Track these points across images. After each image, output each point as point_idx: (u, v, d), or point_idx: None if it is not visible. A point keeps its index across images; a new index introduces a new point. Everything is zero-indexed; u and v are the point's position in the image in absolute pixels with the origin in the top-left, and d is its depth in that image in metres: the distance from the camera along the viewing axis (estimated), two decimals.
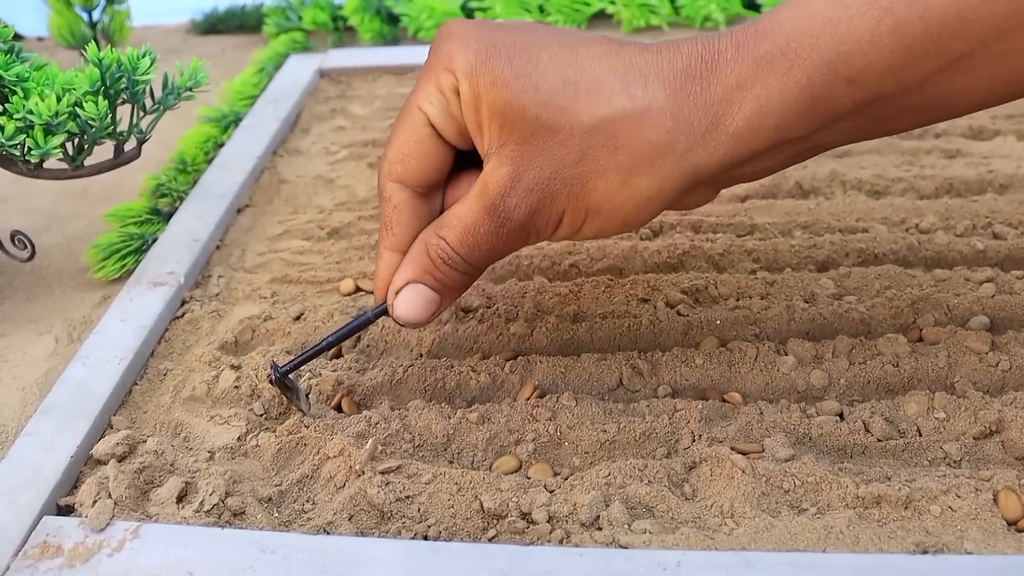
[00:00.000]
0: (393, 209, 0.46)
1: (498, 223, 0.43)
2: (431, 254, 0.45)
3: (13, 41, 0.60)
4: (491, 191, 0.43)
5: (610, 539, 0.43)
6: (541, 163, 0.42)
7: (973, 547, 0.41)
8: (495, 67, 0.42)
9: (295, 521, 0.45)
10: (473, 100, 0.42)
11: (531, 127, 0.42)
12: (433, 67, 0.44)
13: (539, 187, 0.42)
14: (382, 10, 1.08)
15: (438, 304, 0.46)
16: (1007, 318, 0.56)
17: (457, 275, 0.46)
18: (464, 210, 0.44)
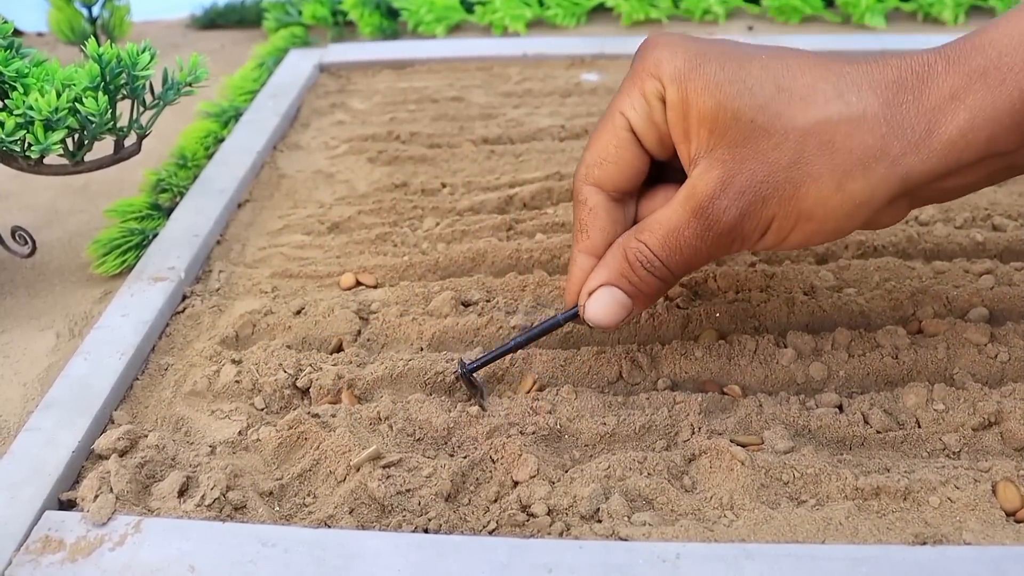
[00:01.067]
0: (589, 212, 0.47)
1: (705, 226, 0.43)
2: (629, 257, 0.45)
3: (13, 37, 0.60)
4: (700, 194, 0.43)
5: (610, 531, 0.43)
6: (753, 166, 0.42)
7: (972, 538, 0.42)
8: (707, 72, 0.42)
9: (296, 515, 0.46)
10: (681, 105, 0.43)
11: (744, 131, 0.42)
12: (638, 73, 0.44)
13: (751, 190, 0.42)
14: (382, 5, 1.08)
15: (630, 309, 0.47)
16: (1006, 310, 0.56)
17: (654, 280, 0.46)
18: (668, 214, 0.44)
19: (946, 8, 1.03)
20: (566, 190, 0.71)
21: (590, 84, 0.90)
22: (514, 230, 0.67)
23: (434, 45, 1.02)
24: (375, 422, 0.50)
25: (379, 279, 0.63)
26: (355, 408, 0.51)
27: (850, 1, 1.04)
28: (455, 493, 0.46)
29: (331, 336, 0.57)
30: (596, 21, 1.09)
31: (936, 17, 1.04)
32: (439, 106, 0.87)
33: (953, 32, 1.01)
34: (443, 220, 0.68)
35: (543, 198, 0.71)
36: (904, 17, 1.06)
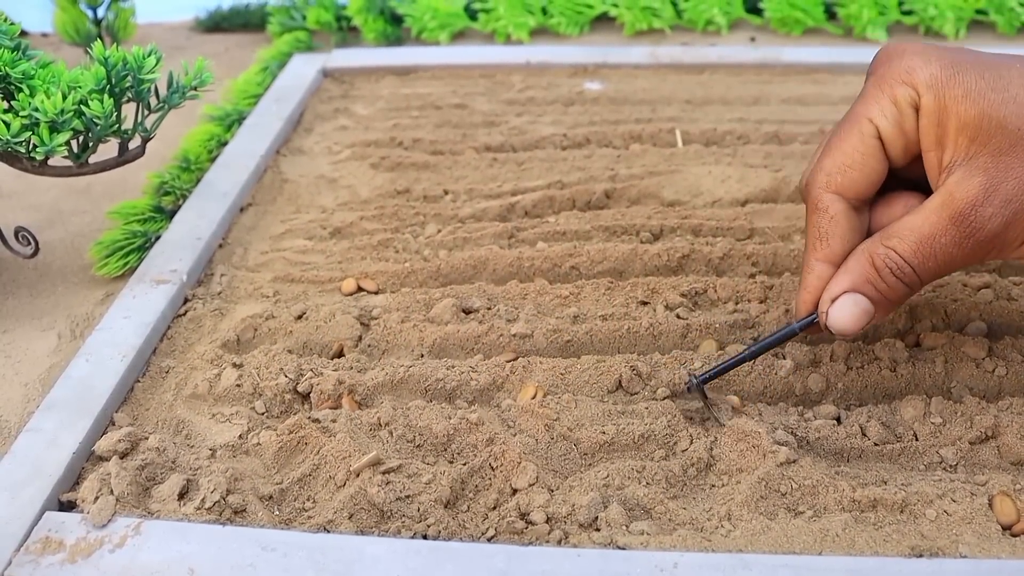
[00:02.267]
0: (830, 220, 0.46)
1: (965, 234, 0.43)
2: (877, 263, 0.45)
3: (19, 38, 0.60)
4: (959, 201, 0.43)
5: (608, 540, 0.43)
6: (1020, 174, 0.42)
7: (968, 551, 0.42)
8: (966, 80, 0.42)
9: (296, 519, 0.46)
10: (937, 112, 0.43)
11: (1011, 139, 0.42)
12: (887, 80, 0.44)
13: (1017, 199, 0.42)
14: (386, 10, 1.08)
15: (872, 316, 0.46)
16: (1004, 324, 0.56)
17: (901, 287, 0.45)
18: (920, 221, 0.44)
19: (947, 22, 1.04)
20: (568, 199, 0.71)
21: (593, 93, 0.91)
22: (516, 238, 0.67)
23: (437, 52, 1.03)
24: (375, 428, 0.50)
25: (380, 285, 0.63)
26: (355, 413, 0.51)
27: (852, 14, 1.05)
28: (454, 500, 0.46)
29: (332, 341, 0.57)
30: (599, 30, 1.10)
31: (937, 31, 1.05)
32: (442, 113, 0.88)
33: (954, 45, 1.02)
34: (445, 227, 0.69)
35: (545, 206, 0.71)
36: (905, 30, 1.06)
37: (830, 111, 0.86)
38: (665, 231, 0.67)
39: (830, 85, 0.92)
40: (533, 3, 1.09)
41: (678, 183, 0.72)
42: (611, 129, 0.82)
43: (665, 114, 0.85)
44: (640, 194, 0.72)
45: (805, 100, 0.88)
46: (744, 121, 0.83)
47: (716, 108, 0.87)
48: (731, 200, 0.71)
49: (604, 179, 0.74)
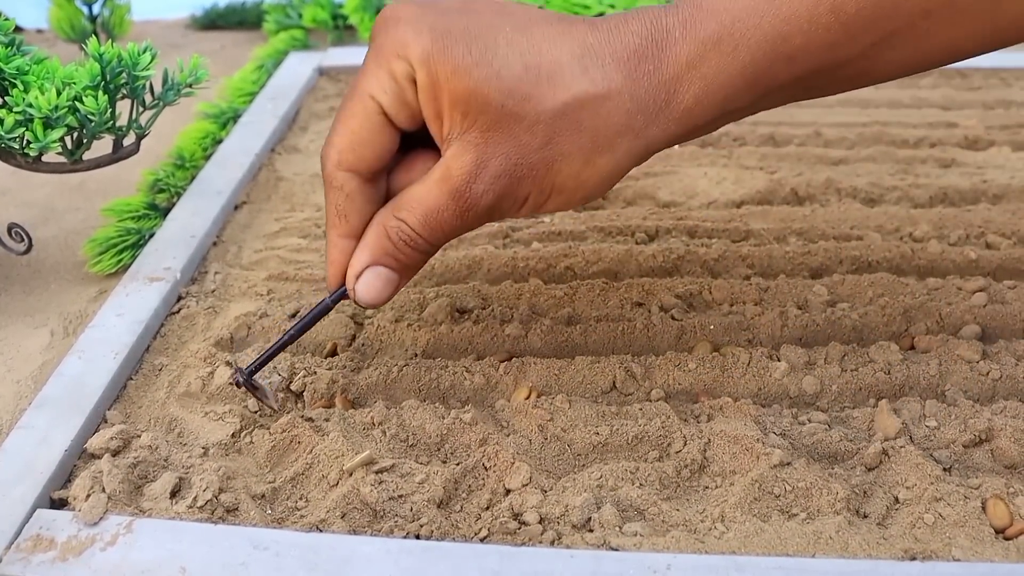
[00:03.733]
0: (346, 198, 0.46)
1: (464, 208, 0.44)
2: (391, 236, 0.46)
3: (14, 34, 0.60)
4: (455, 177, 0.44)
5: (601, 541, 0.43)
6: (507, 150, 0.43)
7: (961, 554, 0.42)
8: (455, 55, 0.42)
9: (288, 518, 0.46)
10: (431, 88, 0.43)
11: (496, 115, 0.42)
12: (384, 53, 0.44)
13: (506, 173, 0.43)
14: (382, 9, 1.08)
15: (397, 283, 0.47)
16: (998, 327, 0.56)
17: (417, 255, 0.47)
18: (424, 193, 0.45)
19: None
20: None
21: None
22: (510, 238, 0.67)
23: None
24: (368, 427, 0.50)
25: None
26: (348, 413, 0.51)
27: None
28: (447, 500, 0.46)
29: (325, 340, 0.57)
30: None
31: None
32: None
33: None
34: None
35: None
36: None
37: (825, 113, 0.86)
38: (660, 232, 0.67)
39: None
40: (529, 4, 1.08)
41: (674, 184, 0.72)
42: None
43: None
44: (635, 195, 0.72)
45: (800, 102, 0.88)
46: (739, 122, 0.83)
47: None
48: (726, 202, 0.71)
49: None
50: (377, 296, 0.47)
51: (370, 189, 0.47)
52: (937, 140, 0.80)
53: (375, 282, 0.47)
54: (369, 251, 0.46)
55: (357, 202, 0.46)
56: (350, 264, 0.47)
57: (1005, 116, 0.84)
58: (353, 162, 0.46)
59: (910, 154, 0.77)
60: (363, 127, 0.45)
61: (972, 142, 0.79)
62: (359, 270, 0.47)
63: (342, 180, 0.46)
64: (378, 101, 0.44)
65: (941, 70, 0.94)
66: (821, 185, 0.72)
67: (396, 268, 0.47)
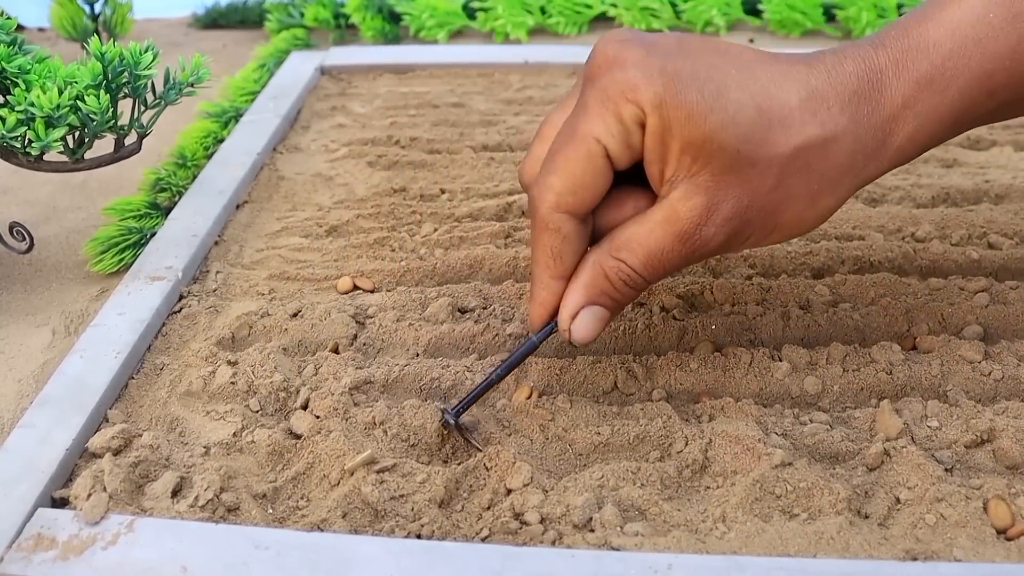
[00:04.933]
0: (563, 240, 0.46)
1: (690, 250, 0.45)
2: (610, 276, 0.46)
3: (16, 33, 0.60)
4: (683, 219, 0.44)
5: (602, 541, 0.43)
6: (739, 193, 0.43)
7: (962, 555, 0.42)
8: (688, 101, 0.42)
9: (289, 518, 0.46)
10: (662, 133, 0.43)
11: (730, 160, 0.43)
12: (611, 97, 0.43)
13: (736, 216, 0.44)
14: (384, 8, 1.08)
15: (608, 321, 0.48)
16: (1000, 328, 0.56)
17: (633, 292, 0.47)
18: (645, 234, 0.45)
19: None
20: None
21: None
22: (512, 238, 0.67)
23: (435, 50, 1.03)
24: (370, 427, 0.50)
25: (376, 283, 0.63)
26: (350, 412, 0.51)
27: (851, 16, 1.05)
28: (448, 499, 0.46)
29: (327, 340, 0.57)
30: (598, 30, 1.10)
31: None
32: (439, 112, 0.88)
33: None
34: (441, 226, 0.69)
35: None
36: None
37: None
38: None
39: None
40: (532, 2, 1.09)
41: None
42: None
43: None
44: None
45: None
46: None
47: None
48: None
49: None
50: (592, 335, 0.47)
51: (583, 229, 0.47)
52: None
53: (592, 322, 0.47)
54: (585, 291, 0.47)
55: (573, 244, 0.46)
56: (564, 304, 0.47)
57: None
58: (572, 205, 0.45)
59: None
60: (585, 171, 0.45)
61: (974, 142, 0.79)
62: (574, 311, 0.47)
63: (559, 223, 0.46)
64: (603, 144, 0.44)
65: None
66: None
67: (611, 307, 0.47)
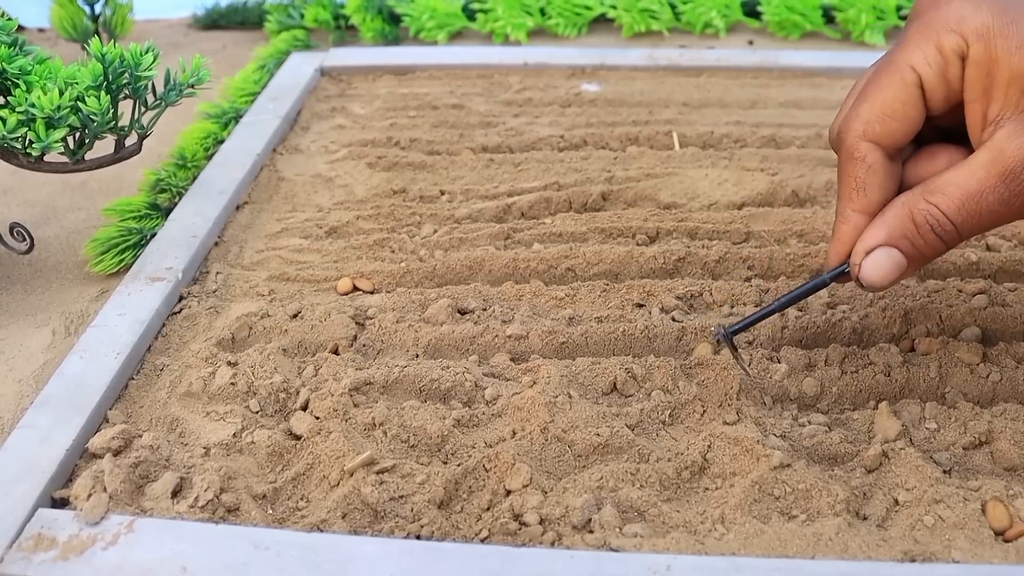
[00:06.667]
0: (868, 169, 0.45)
1: (1015, 192, 0.42)
2: (917, 219, 0.44)
3: (16, 34, 0.60)
4: (1011, 159, 0.42)
5: (601, 542, 0.43)
6: None
7: (960, 556, 0.42)
8: (1021, 30, 0.41)
9: (289, 518, 0.46)
10: (987, 63, 0.42)
11: None
12: (933, 27, 0.42)
13: None
14: (384, 10, 1.08)
15: (903, 271, 0.45)
16: (999, 330, 0.56)
17: (939, 244, 0.45)
18: (965, 176, 0.43)
19: None
20: (564, 200, 0.71)
21: (590, 94, 0.91)
22: (512, 239, 0.67)
23: (435, 52, 1.03)
24: (369, 428, 0.50)
25: (376, 285, 0.63)
26: (350, 413, 0.51)
27: (850, 18, 1.05)
28: (448, 500, 0.46)
29: (327, 341, 0.57)
30: (597, 32, 1.10)
31: None
32: (439, 113, 0.88)
33: None
34: (441, 227, 0.69)
35: (541, 208, 0.71)
36: None
37: (827, 115, 0.86)
38: (661, 234, 0.67)
39: (827, 89, 0.92)
40: (531, 4, 1.09)
41: (675, 186, 0.73)
42: (608, 131, 0.82)
43: (662, 116, 0.85)
44: (637, 196, 0.72)
45: (802, 104, 0.88)
46: (741, 124, 0.83)
47: (713, 111, 0.87)
48: (727, 203, 0.71)
49: (601, 181, 0.74)
50: (883, 278, 0.45)
51: (891, 166, 0.45)
52: None
53: (886, 263, 0.45)
54: (887, 230, 0.45)
55: (879, 176, 0.45)
56: (861, 239, 0.45)
57: None
58: (880, 134, 0.44)
59: None
60: (897, 98, 0.44)
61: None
62: (871, 246, 0.45)
63: (865, 151, 0.44)
64: (919, 73, 0.43)
65: None
66: (822, 187, 0.72)
67: (910, 254, 0.45)
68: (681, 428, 0.50)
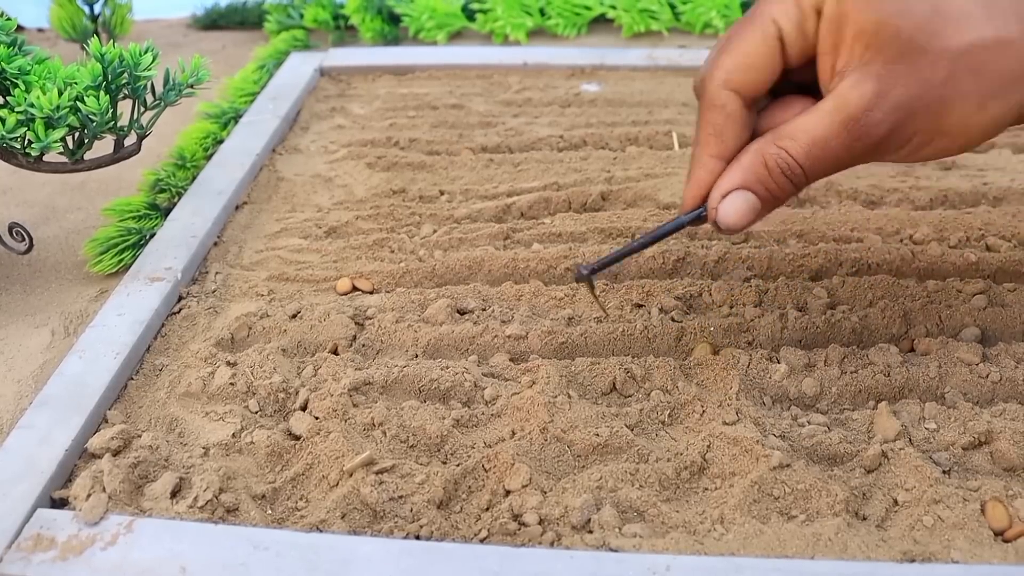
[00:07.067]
0: (727, 117, 0.47)
1: (854, 137, 0.45)
2: (769, 163, 0.46)
3: (15, 34, 0.60)
4: (852, 105, 0.44)
5: (600, 542, 0.43)
6: (908, 82, 0.43)
7: (960, 556, 0.42)
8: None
9: (288, 518, 0.46)
10: (837, 18, 0.44)
11: (902, 47, 0.43)
12: None
13: (903, 105, 0.44)
14: (383, 10, 1.08)
15: (758, 214, 0.47)
16: (998, 330, 0.56)
17: (790, 186, 0.47)
18: (813, 123, 0.45)
19: None
20: (564, 200, 0.71)
21: (590, 95, 0.91)
22: (511, 239, 0.67)
23: (435, 52, 1.03)
24: (369, 428, 0.50)
25: (375, 285, 0.63)
26: (349, 413, 0.51)
27: None
28: (447, 500, 0.46)
29: (326, 341, 0.57)
30: (597, 32, 1.10)
31: None
32: (439, 113, 0.88)
33: None
34: (440, 227, 0.69)
35: (541, 208, 0.71)
36: None
37: None
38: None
39: None
40: (531, 4, 1.09)
41: (674, 186, 0.72)
42: (608, 131, 0.82)
43: (662, 116, 0.85)
44: (636, 196, 0.72)
45: None
46: None
47: None
48: None
49: (600, 181, 0.74)
50: (738, 220, 0.47)
51: (748, 115, 0.47)
52: None
53: (741, 205, 0.47)
54: (742, 174, 0.47)
55: (737, 124, 0.47)
56: (717, 184, 0.47)
57: None
58: (741, 83, 0.46)
59: None
60: (757, 50, 0.46)
61: None
62: (726, 190, 0.47)
63: (725, 99, 0.46)
64: (779, 25, 0.45)
65: None
66: (821, 187, 0.72)
67: (763, 197, 0.47)
68: (680, 428, 0.50)
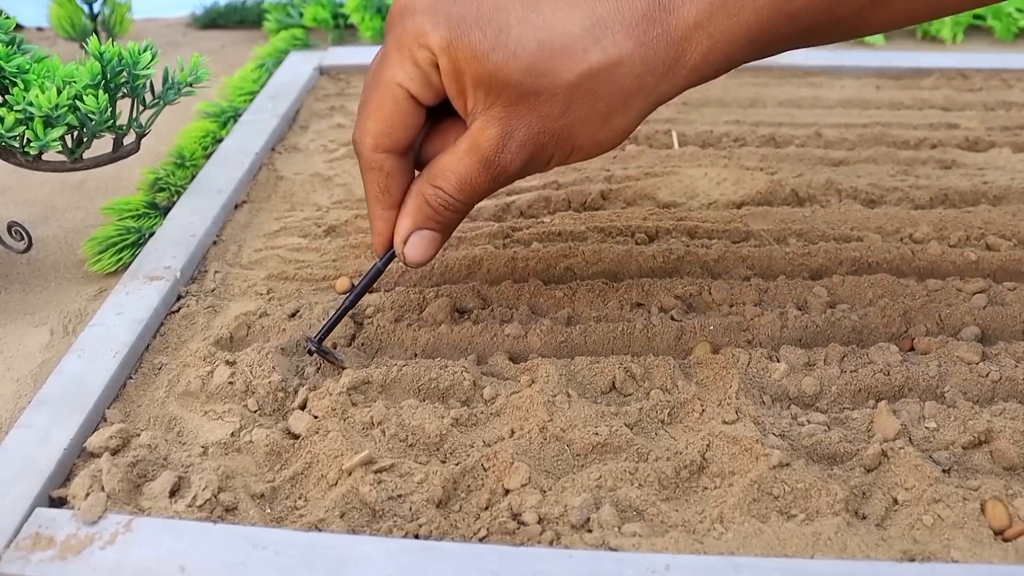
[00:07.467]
0: (386, 176, 0.50)
1: (494, 174, 0.48)
2: (431, 203, 0.50)
3: (14, 32, 0.60)
4: (484, 148, 0.47)
5: (600, 541, 0.43)
6: (529, 121, 0.46)
7: (959, 556, 0.42)
8: (472, 41, 0.45)
9: (287, 517, 0.46)
10: (454, 72, 0.46)
11: (516, 92, 0.45)
12: (404, 44, 0.47)
13: (530, 141, 0.47)
14: (383, 8, 1.08)
15: (440, 241, 0.52)
16: (998, 329, 0.56)
17: (455, 215, 0.51)
18: (455, 162, 0.48)
19: (944, 27, 1.04)
20: (563, 199, 0.71)
21: None
22: (510, 238, 0.67)
23: None
24: (368, 427, 0.50)
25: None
26: (348, 412, 0.51)
27: None
28: (446, 499, 0.46)
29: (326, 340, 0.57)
30: None
31: (935, 35, 1.05)
32: None
33: (951, 50, 1.02)
34: None
35: (540, 206, 0.71)
36: (903, 34, 1.07)
37: (826, 114, 0.86)
38: (660, 233, 0.67)
39: (827, 88, 0.92)
40: None
41: (674, 185, 0.72)
42: None
43: (661, 115, 0.85)
44: (636, 195, 0.72)
45: (801, 103, 0.88)
46: (740, 123, 0.83)
47: (713, 110, 0.87)
48: (726, 202, 0.71)
49: (600, 180, 0.74)
50: (423, 255, 0.51)
51: (405, 163, 0.51)
52: (938, 141, 0.80)
53: (421, 243, 0.51)
54: (412, 218, 0.51)
55: (396, 177, 0.51)
56: (396, 231, 0.51)
57: (1006, 117, 0.84)
58: (389, 144, 0.50)
59: (911, 155, 0.77)
60: (393, 113, 0.49)
61: (973, 143, 0.79)
62: (405, 236, 0.51)
63: (380, 161, 0.50)
64: (405, 88, 0.48)
65: (942, 71, 0.94)
66: (821, 186, 0.72)
67: (437, 229, 0.51)
68: (680, 427, 0.50)
